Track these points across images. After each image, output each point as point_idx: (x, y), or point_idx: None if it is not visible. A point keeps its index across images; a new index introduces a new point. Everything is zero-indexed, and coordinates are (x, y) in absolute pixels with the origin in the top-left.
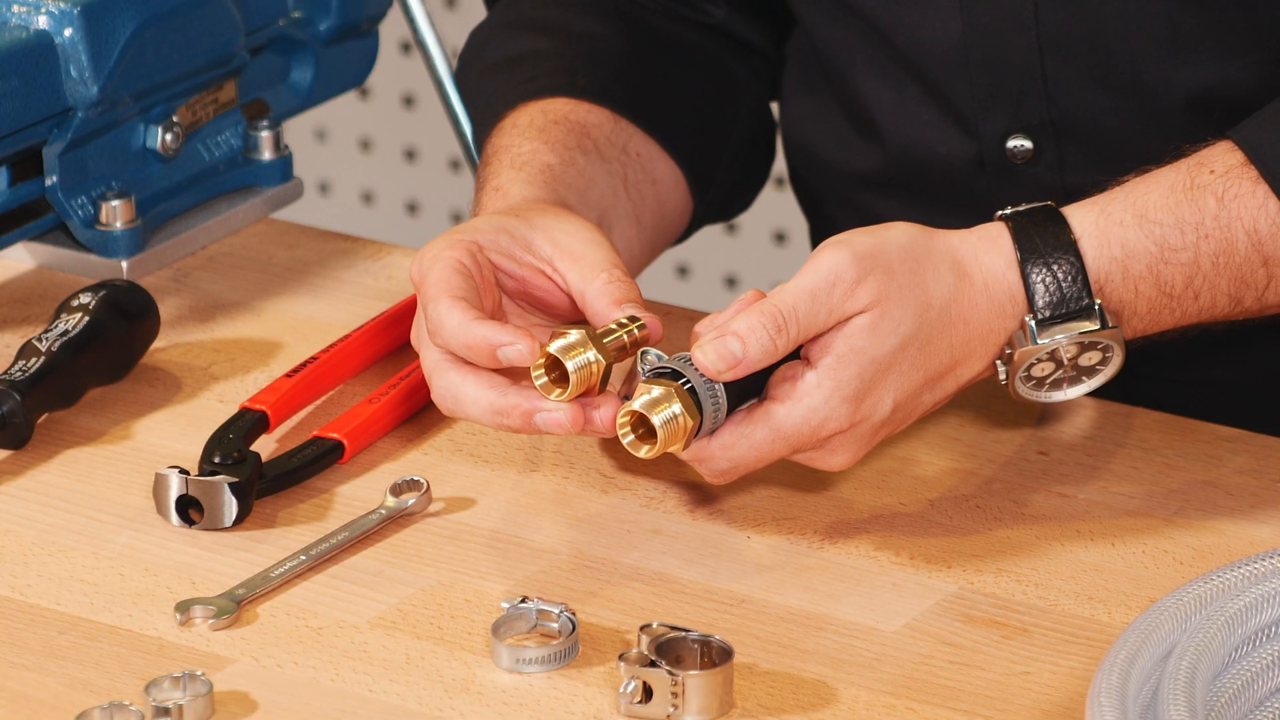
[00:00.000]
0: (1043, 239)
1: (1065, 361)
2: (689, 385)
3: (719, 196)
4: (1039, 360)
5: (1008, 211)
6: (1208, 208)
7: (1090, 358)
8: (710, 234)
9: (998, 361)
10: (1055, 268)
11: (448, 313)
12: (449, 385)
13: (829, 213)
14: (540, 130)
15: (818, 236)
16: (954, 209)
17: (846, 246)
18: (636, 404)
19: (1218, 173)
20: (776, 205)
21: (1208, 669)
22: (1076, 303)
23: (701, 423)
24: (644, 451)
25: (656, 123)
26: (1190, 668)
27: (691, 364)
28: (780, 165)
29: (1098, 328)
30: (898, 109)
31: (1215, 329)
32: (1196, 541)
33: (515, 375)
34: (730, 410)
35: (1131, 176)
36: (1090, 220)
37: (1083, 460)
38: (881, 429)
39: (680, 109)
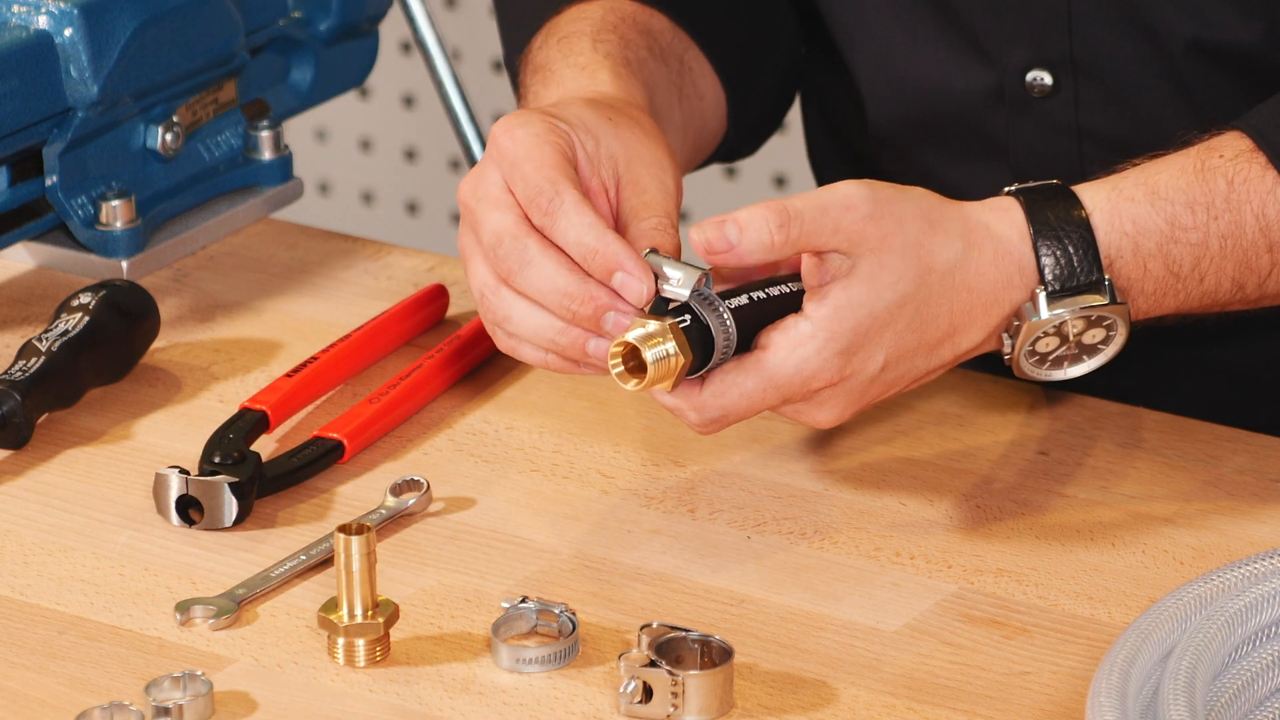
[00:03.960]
0: (1055, 213)
1: (1071, 337)
2: (685, 324)
3: (745, 129)
4: (1044, 334)
5: (1015, 188)
6: (1218, 189)
7: (1094, 335)
8: None
9: (1004, 334)
10: (1066, 241)
11: (577, 208)
12: (502, 304)
13: (839, 171)
14: (614, 26)
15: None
16: (967, 151)
17: (867, 185)
18: (630, 336)
19: (1227, 157)
20: None
21: (1208, 669)
22: (1086, 276)
23: (695, 363)
24: (631, 385)
25: (710, 39)
26: (1190, 668)
27: (707, 301)
28: (780, 163)
29: (1106, 302)
30: (910, 48)
31: (1210, 319)
32: (1196, 541)
33: None
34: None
35: (1141, 160)
36: (1102, 196)
37: (1083, 460)
38: (871, 386)
39: (731, 30)
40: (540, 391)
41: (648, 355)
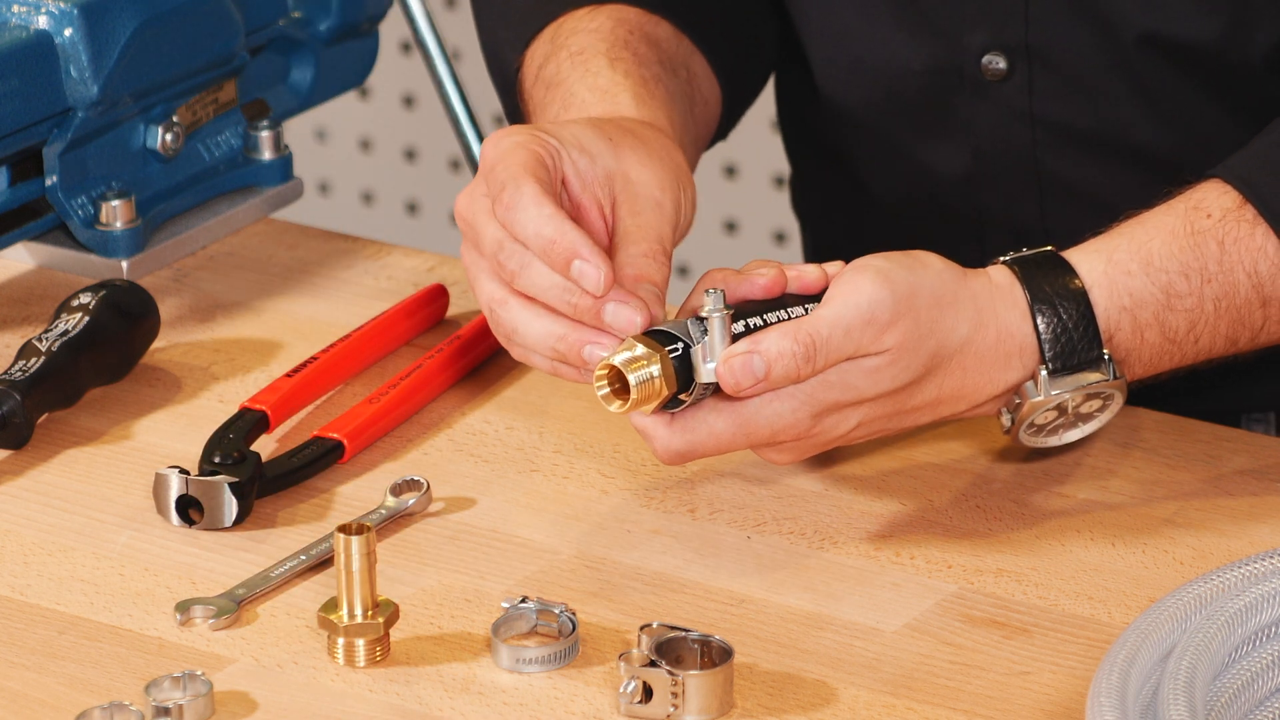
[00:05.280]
0: (1052, 287)
1: (1069, 410)
2: (677, 352)
3: (730, 125)
4: (1044, 410)
5: (1010, 257)
6: (1210, 253)
7: (1091, 405)
8: (710, 233)
9: (1004, 410)
10: (1065, 317)
11: (536, 200)
12: (508, 316)
13: (813, 160)
14: (625, 42)
15: (800, 183)
16: (930, 131)
17: (888, 284)
18: (616, 359)
19: (1215, 217)
20: (776, 205)
21: (1208, 669)
22: (1086, 353)
23: (680, 393)
24: (615, 407)
25: (712, 44)
26: (1190, 668)
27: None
28: (781, 164)
29: (1106, 379)
30: (867, 31)
31: (1204, 369)
32: (1196, 541)
33: None
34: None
35: (1125, 220)
36: (1099, 270)
37: (1083, 460)
38: (835, 440)
39: (728, 33)
40: (540, 391)
41: (631, 378)
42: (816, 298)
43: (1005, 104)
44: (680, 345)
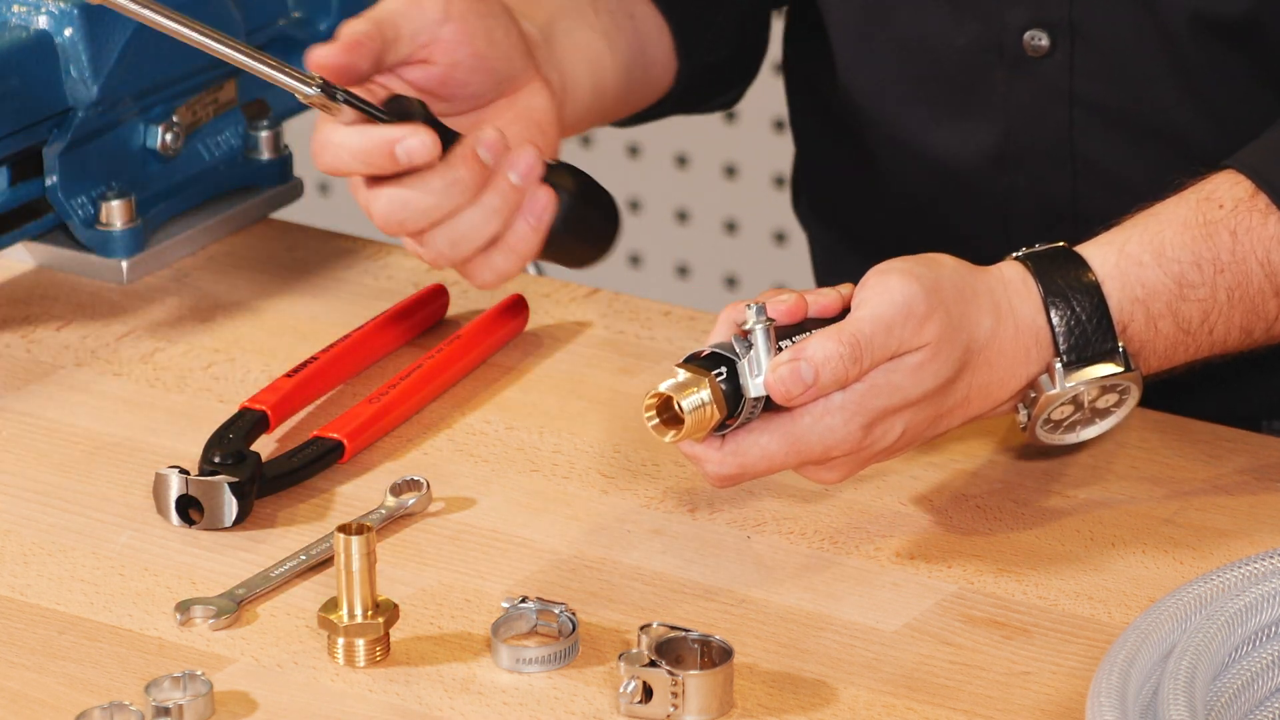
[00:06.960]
0: (1065, 280)
1: (1085, 404)
2: (723, 377)
3: (700, 70)
4: (1060, 403)
5: (1023, 252)
6: (1223, 243)
7: (1107, 399)
8: (710, 234)
9: (1020, 405)
10: (1079, 309)
11: (332, 125)
12: (326, 142)
13: (827, 143)
14: None
15: (808, 172)
16: (960, 111)
17: (916, 279)
18: (664, 386)
19: (1227, 207)
20: (776, 205)
21: (1208, 669)
22: (1100, 345)
23: (730, 416)
24: (669, 437)
25: (671, 7)
26: (1190, 668)
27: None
28: (780, 164)
29: (1121, 370)
30: (909, 5)
31: (1217, 364)
32: (1196, 541)
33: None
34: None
35: (1137, 212)
36: (1111, 261)
37: (1083, 460)
38: (882, 454)
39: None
40: (540, 391)
41: (684, 403)
42: (837, 319)
43: (1044, 82)
44: (724, 368)
